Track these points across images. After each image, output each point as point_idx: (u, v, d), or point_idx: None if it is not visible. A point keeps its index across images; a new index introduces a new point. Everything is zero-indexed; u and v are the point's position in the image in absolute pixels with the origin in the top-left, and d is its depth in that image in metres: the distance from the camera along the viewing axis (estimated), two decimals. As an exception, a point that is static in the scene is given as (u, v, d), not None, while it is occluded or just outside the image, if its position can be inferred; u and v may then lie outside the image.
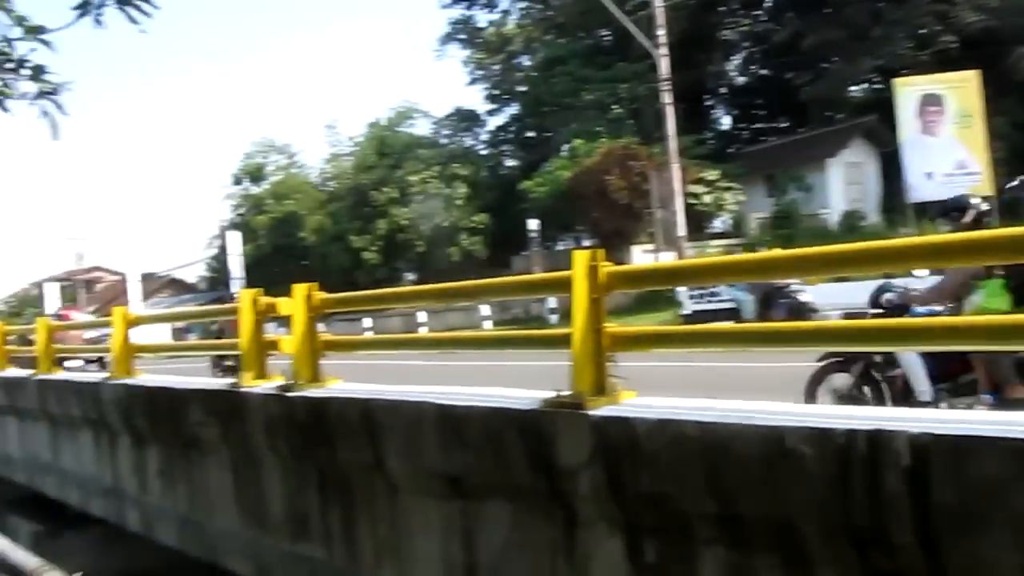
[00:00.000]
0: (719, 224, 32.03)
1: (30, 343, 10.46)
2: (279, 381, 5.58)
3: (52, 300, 29.59)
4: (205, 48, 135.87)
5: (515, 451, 3.81)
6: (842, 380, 6.25)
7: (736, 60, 39.74)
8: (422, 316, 26.25)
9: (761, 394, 3.63)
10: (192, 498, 6.68)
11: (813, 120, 34.50)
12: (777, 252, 3.82)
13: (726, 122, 42.00)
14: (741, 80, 40.15)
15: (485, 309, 23.86)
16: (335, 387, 5.21)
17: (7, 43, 4.05)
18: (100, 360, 15.07)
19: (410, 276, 37.58)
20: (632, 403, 3.62)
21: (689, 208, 26.15)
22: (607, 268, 3.65)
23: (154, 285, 54.28)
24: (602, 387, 3.62)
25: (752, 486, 2.93)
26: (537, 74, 35.46)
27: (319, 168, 45.15)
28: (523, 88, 38.25)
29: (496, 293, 5.56)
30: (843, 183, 30.62)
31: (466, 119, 40.41)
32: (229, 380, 5.96)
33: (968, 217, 5.76)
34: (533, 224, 28.62)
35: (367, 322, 28.04)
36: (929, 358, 5.61)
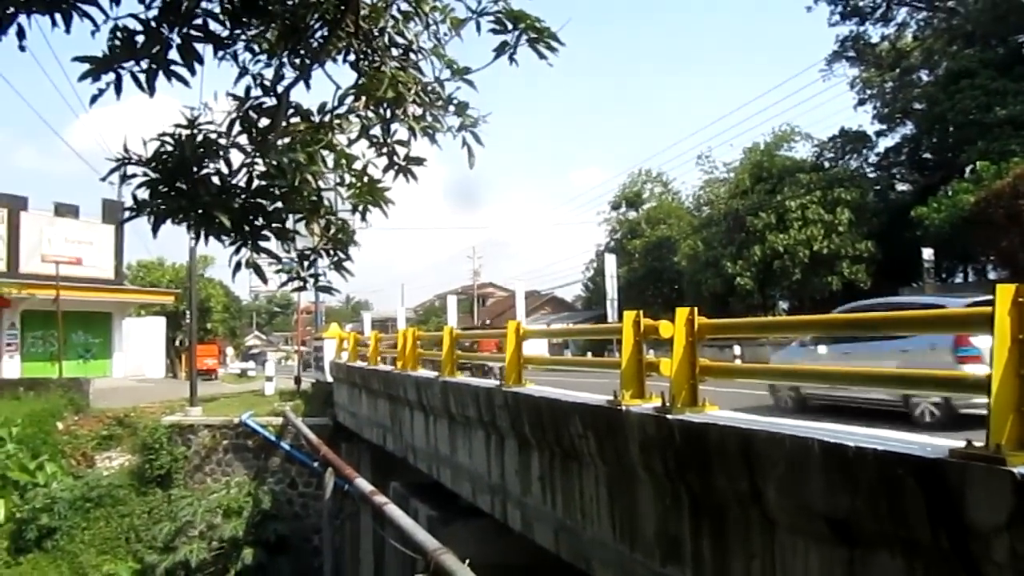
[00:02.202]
0: None
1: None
2: (656, 403, 5.66)
3: (452, 311, 33.10)
4: (590, 76, 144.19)
5: (913, 501, 3.46)
6: None
7: None
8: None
9: None
10: (568, 505, 7.03)
11: None
12: None
13: None
14: None
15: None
16: (713, 413, 5.16)
17: (440, 84, 4.61)
18: (483, 368, 16.66)
19: (784, 305, 36.14)
20: (1067, 464, 3.11)
21: None
22: (1037, 304, 3.18)
23: (536, 302, 58.65)
24: (1028, 441, 3.16)
25: None
26: (938, 90, 32.11)
27: (694, 194, 45.45)
28: (920, 106, 34.91)
29: (899, 327, 5.10)
30: None
31: (852, 141, 37.90)
32: (607, 398, 6.17)
33: None
34: (927, 253, 26.00)
35: (736, 349, 27.48)
36: None
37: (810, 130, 42.15)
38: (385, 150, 4.67)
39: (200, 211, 3.93)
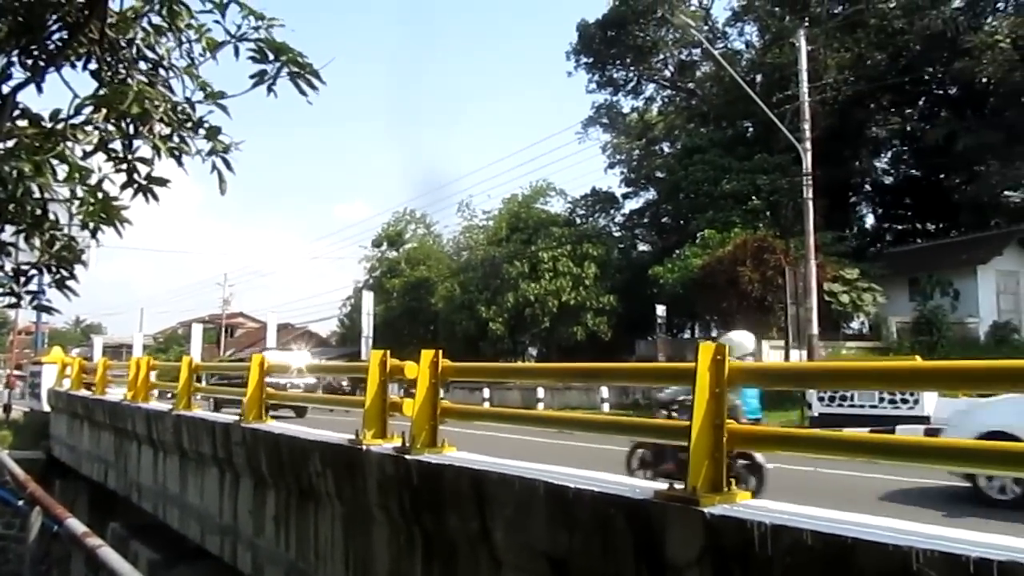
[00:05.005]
0: (856, 325, 30.81)
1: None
2: (396, 443, 5.69)
3: (197, 341, 31.29)
4: (361, 118, 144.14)
5: (622, 540, 3.74)
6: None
7: (885, 158, 38.61)
8: (541, 392, 26.24)
9: (886, 509, 3.43)
10: (302, 546, 6.83)
11: (964, 224, 33.15)
12: (918, 362, 3.66)
13: (869, 221, 40.75)
14: (888, 179, 38.92)
15: (604, 391, 23.61)
16: (450, 455, 5.27)
17: (191, 105, 4.41)
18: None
19: (532, 351, 37.72)
20: (748, 504, 3.50)
21: (824, 306, 25.27)
22: (731, 363, 3.59)
23: (289, 335, 56.76)
24: (718, 485, 3.53)
25: (871, 607, 2.77)
26: (676, 162, 35.50)
27: (454, 238, 46.45)
28: (661, 174, 38.35)
29: (617, 379, 5.54)
30: (994, 292, 29.02)
31: (602, 201, 40.75)
32: (349, 436, 6.11)
33: None
34: (660, 310, 28.36)
35: (486, 392, 28.23)
36: None
37: (565, 187, 44.76)
38: (125, 166, 4.39)
39: None
